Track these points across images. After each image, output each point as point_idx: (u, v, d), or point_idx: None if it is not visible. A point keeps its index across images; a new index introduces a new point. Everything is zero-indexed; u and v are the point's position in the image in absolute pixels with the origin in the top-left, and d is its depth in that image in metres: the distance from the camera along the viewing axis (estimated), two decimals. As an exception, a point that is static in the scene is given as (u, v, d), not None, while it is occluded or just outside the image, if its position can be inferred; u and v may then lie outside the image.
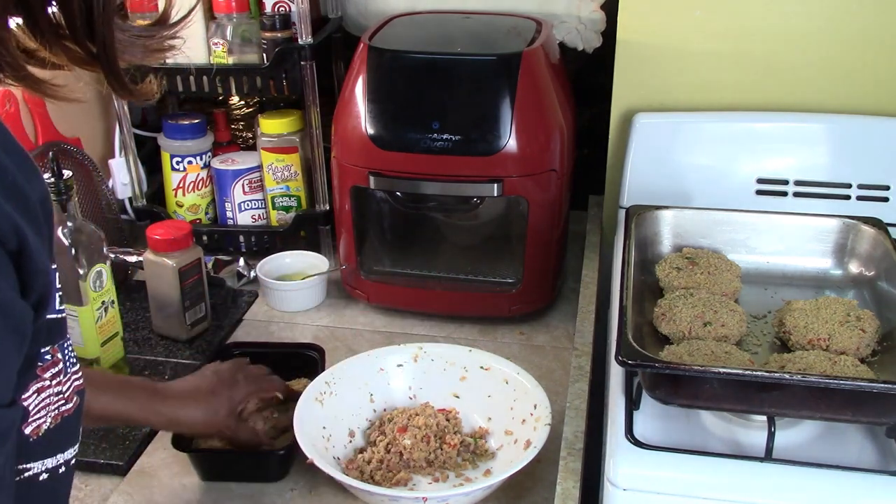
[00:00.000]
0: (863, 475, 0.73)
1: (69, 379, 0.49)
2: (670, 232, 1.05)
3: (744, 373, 0.76)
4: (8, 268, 0.40)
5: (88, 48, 0.50)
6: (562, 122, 1.11)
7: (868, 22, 1.10)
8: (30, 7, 0.47)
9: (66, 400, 0.48)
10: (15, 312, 0.41)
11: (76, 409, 0.50)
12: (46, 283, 0.43)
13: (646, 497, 0.75)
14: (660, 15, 1.15)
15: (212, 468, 0.91)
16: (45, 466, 0.48)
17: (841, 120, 1.12)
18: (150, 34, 0.54)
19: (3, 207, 0.40)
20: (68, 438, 0.50)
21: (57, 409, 0.48)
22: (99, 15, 0.48)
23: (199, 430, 0.90)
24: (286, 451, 0.90)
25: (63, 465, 0.49)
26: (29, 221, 0.41)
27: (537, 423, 0.89)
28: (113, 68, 0.51)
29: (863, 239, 0.99)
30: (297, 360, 1.05)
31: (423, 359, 1.01)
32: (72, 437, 0.50)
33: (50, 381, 0.47)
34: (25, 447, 0.46)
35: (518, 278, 1.17)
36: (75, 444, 0.51)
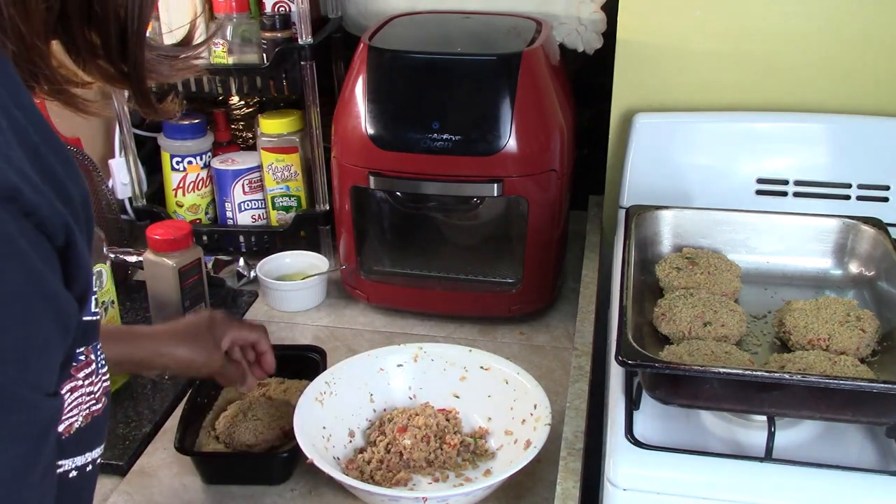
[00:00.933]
0: (863, 475, 0.73)
1: (100, 380, 0.50)
2: (670, 232, 1.04)
3: (744, 373, 0.76)
4: (55, 263, 0.41)
5: (120, 67, 0.53)
6: (562, 122, 1.11)
7: (868, 22, 1.10)
8: (70, 29, 0.50)
9: (97, 400, 0.50)
10: (61, 305, 0.42)
11: (104, 410, 0.51)
12: (88, 281, 0.45)
13: (646, 497, 0.75)
14: (660, 15, 1.15)
15: (214, 471, 0.92)
16: (75, 464, 0.49)
17: (841, 120, 1.12)
18: (176, 54, 0.57)
19: (53, 203, 0.41)
20: (96, 437, 0.51)
21: (88, 408, 0.49)
22: (132, 36, 0.51)
23: (195, 367, 0.92)
24: (289, 453, 0.90)
25: (90, 464, 0.51)
26: (74, 220, 0.43)
27: (537, 423, 0.89)
28: (141, 87, 0.54)
29: (863, 239, 0.99)
30: (298, 362, 1.05)
31: (423, 359, 1.01)
32: (99, 436, 0.52)
33: (83, 382, 0.48)
34: (58, 445, 0.47)
35: (518, 278, 1.17)
36: (102, 443, 0.52)
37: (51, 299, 0.41)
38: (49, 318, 0.41)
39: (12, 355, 0.38)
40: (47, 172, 0.42)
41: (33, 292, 0.39)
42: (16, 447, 0.39)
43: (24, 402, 0.39)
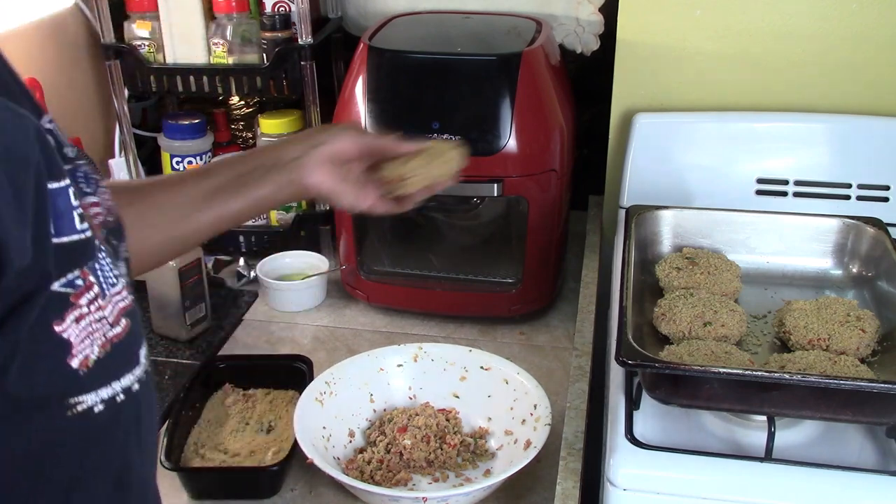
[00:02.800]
0: (863, 475, 0.73)
1: (110, 302, 0.46)
2: (670, 232, 1.05)
3: (744, 373, 0.76)
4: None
5: None
6: (562, 122, 1.11)
7: (868, 22, 1.10)
8: None
9: (113, 324, 0.46)
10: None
11: (127, 333, 0.47)
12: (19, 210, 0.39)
13: (646, 497, 0.75)
14: (660, 15, 1.15)
15: (202, 487, 0.90)
16: (100, 397, 0.45)
17: (841, 120, 1.12)
18: None
19: None
20: (123, 364, 0.47)
21: (103, 335, 0.45)
22: None
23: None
24: (279, 466, 0.89)
25: (122, 393, 0.46)
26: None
27: (537, 423, 0.90)
28: None
29: (863, 239, 0.99)
30: (284, 372, 1.04)
31: (423, 359, 1.01)
32: (128, 362, 0.47)
33: (88, 308, 0.44)
34: (76, 381, 0.44)
35: (518, 278, 1.17)
36: (133, 368, 0.47)
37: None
38: None
39: None
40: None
41: None
42: None
43: None
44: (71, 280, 0.43)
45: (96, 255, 0.46)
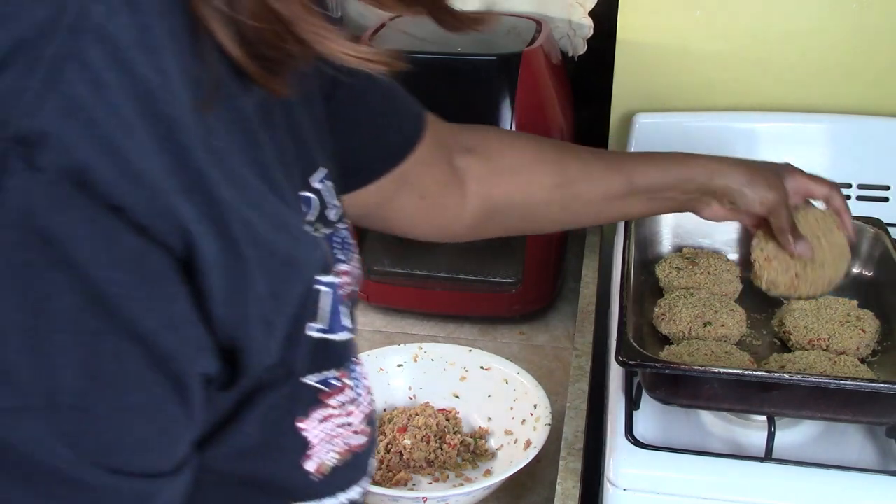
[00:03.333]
0: (863, 475, 0.73)
1: (360, 408, 0.42)
2: (670, 232, 1.04)
3: (744, 373, 0.76)
4: (171, 280, 0.29)
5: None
6: (562, 122, 1.11)
7: (868, 22, 1.10)
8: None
9: (357, 432, 0.42)
10: (165, 346, 0.29)
11: (369, 441, 0.43)
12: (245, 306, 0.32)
13: (646, 497, 0.75)
14: (660, 15, 1.15)
15: None
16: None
17: (841, 120, 1.12)
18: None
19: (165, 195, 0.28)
20: (356, 474, 0.43)
21: (345, 442, 0.41)
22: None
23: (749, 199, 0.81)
24: None
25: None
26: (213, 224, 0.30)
27: (537, 423, 0.89)
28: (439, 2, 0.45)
29: (863, 239, 0.99)
30: None
31: (423, 359, 1.01)
32: (359, 472, 0.43)
33: (337, 411, 0.40)
34: (308, 486, 0.40)
35: (518, 278, 1.17)
36: (362, 479, 0.43)
37: (143, 337, 0.28)
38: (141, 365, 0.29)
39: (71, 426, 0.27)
40: (180, 159, 0.29)
41: (108, 325, 0.27)
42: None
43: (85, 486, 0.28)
44: (326, 378, 0.40)
45: (356, 357, 0.42)
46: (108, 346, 0.27)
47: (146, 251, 0.28)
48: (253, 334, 0.33)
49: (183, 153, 0.29)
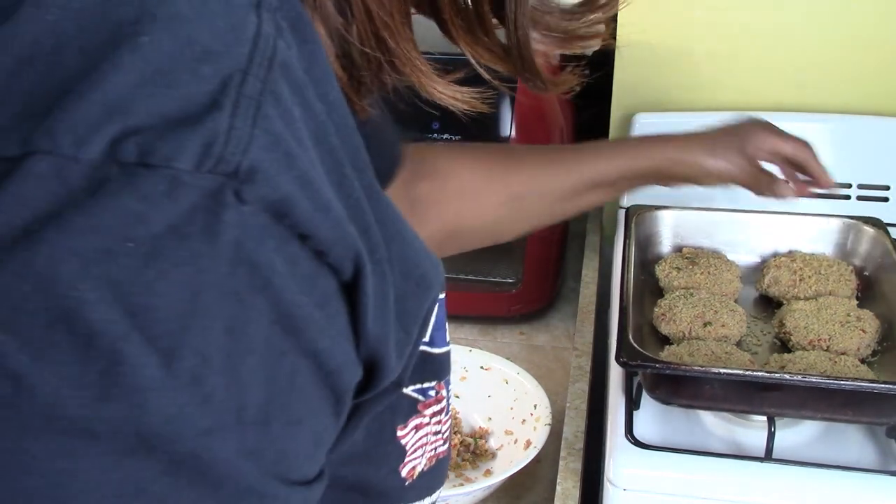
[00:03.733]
0: (863, 475, 0.73)
1: (449, 418, 0.44)
2: (670, 232, 1.04)
3: (744, 373, 0.76)
4: (338, 305, 0.31)
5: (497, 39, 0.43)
6: (562, 122, 1.11)
7: (868, 22, 1.10)
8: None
9: (444, 440, 0.43)
10: (333, 364, 0.31)
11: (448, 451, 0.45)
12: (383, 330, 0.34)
13: (646, 497, 0.75)
14: (660, 15, 1.15)
15: None
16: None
17: (841, 120, 1.12)
18: (575, 17, 0.45)
19: (343, 226, 0.30)
20: (436, 481, 0.44)
21: (434, 449, 0.42)
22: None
23: (717, 177, 0.84)
24: None
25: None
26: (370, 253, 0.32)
27: (537, 423, 0.89)
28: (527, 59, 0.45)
29: (863, 239, 0.99)
30: None
31: None
32: (440, 479, 0.44)
33: (430, 420, 0.41)
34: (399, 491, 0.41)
35: (518, 278, 1.17)
36: (440, 485, 0.44)
37: (316, 355, 0.30)
38: (312, 381, 0.30)
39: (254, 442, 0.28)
40: (343, 187, 0.31)
41: (292, 346, 0.29)
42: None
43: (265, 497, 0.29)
44: (425, 389, 0.41)
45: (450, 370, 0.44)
46: (287, 365, 0.29)
47: (320, 275, 0.30)
48: (391, 351, 0.34)
49: (345, 181, 0.31)
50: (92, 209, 0.24)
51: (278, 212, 0.27)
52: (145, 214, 0.25)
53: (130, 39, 0.26)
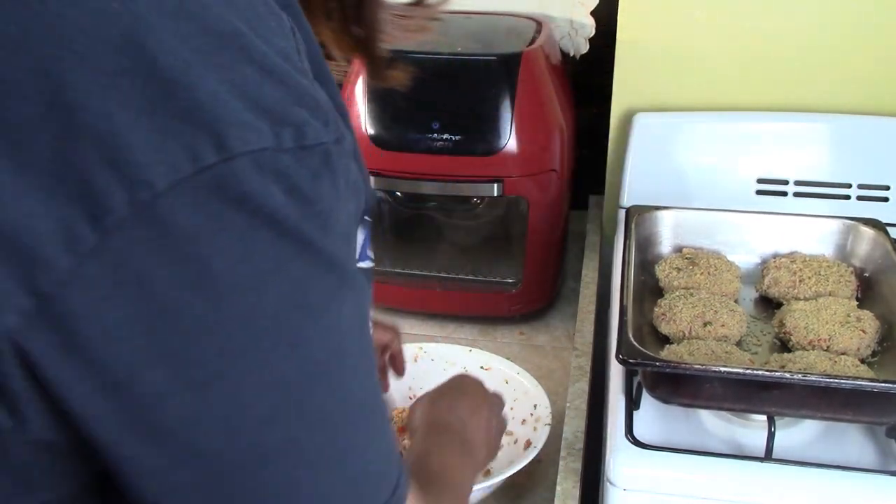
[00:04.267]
0: (863, 475, 0.73)
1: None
2: (670, 232, 1.04)
3: (744, 372, 0.76)
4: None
5: (354, 31, 0.50)
6: (562, 122, 1.11)
7: (869, 22, 1.10)
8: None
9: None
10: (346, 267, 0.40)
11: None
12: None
13: (646, 497, 0.75)
14: (660, 15, 1.15)
15: None
16: None
17: (841, 120, 1.12)
18: (410, 14, 0.53)
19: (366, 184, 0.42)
20: None
21: None
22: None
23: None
24: None
25: None
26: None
27: (537, 423, 0.89)
28: (374, 52, 0.51)
29: (862, 240, 0.99)
30: None
31: (423, 359, 1.01)
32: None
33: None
34: None
35: (518, 278, 1.17)
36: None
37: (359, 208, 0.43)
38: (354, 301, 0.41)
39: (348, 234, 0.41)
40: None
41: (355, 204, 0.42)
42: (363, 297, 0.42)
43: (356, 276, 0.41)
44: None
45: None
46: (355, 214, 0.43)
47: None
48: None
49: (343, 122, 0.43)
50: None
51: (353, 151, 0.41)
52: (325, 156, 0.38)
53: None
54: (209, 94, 0.33)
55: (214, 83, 0.34)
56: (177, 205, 0.33)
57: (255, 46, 0.36)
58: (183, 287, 0.33)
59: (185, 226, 0.33)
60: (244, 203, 0.34)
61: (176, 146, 0.33)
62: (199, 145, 0.33)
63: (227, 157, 0.33)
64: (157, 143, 0.33)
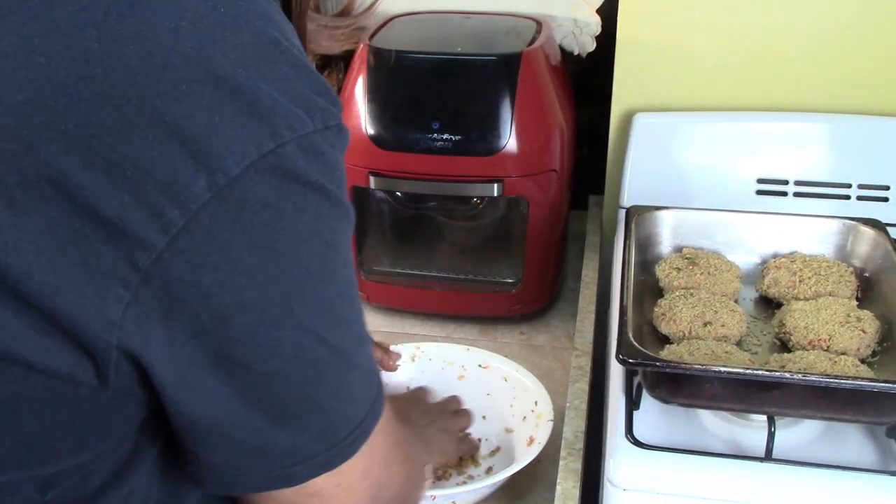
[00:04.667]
0: (863, 475, 0.73)
1: None
2: (670, 232, 1.04)
3: (745, 372, 0.76)
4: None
5: None
6: (562, 122, 1.11)
7: (869, 22, 1.10)
8: None
9: None
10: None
11: None
12: None
13: (646, 497, 0.75)
14: (660, 15, 1.15)
15: None
16: None
17: (841, 120, 1.12)
18: (337, 24, 0.59)
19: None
20: None
21: None
22: (296, 6, 0.53)
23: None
24: None
25: None
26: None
27: (539, 419, 0.90)
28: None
29: (862, 240, 0.99)
30: None
31: (421, 358, 1.01)
32: None
33: None
34: None
35: (518, 278, 1.17)
36: None
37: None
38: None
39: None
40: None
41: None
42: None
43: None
44: None
45: None
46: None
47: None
48: None
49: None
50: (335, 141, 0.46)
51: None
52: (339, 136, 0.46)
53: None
54: (263, 94, 0.41)
55: (265, 85, 0.41)
56: (247, 185, 0.41)
57: (287, 49, 0.44)
58: (256, 247, 0.42)
59: (254, 200, 0.41)
60: (296, 177, 0.42)
61: (243, 138, 0.40)
62: (259, 136, 0.41)
63: (281, 143, 0.41)
64: (230, 138, 0.40)
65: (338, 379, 0.48)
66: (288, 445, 0.47)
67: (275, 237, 0.42)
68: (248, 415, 0.46)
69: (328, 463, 0.49)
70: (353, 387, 0.50)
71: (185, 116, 0.39)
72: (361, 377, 0.51)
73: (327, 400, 0.48)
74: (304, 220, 0.44)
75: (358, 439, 0.50)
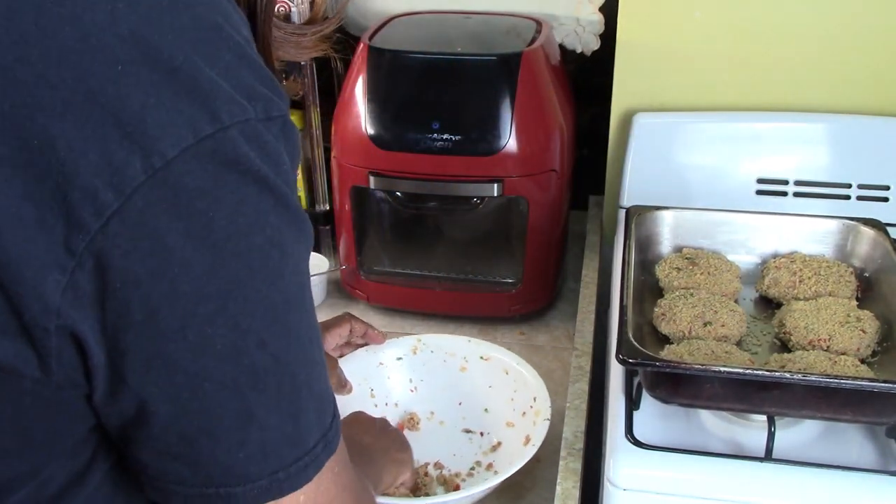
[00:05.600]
0: (863, 475, 0.73)
1: None
2: (670, 232, 1.04)
3: (745, 372, 0.76)
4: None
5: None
6: (562, 122, 1.11)
7: (869, 22, 1.10)
8: None
9: None
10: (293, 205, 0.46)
11: None
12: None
13: (646, 497, 0.75)
14: (660, 15, 1.15)
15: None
16: None
17: (841, 120, 1.12)
18: (303, 32, 0.60)
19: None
20: None
21: None
22: (261, 13, 0.52)
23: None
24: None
25: None
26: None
27: (536, 416, 0.90)
28: (269, 65, 0.55)
29: (862, 240, 0.99)
30: None
31: (423, 351, 1.01)
32: None
33: None
34: None
35: (518, 278, 1.17)
36: None
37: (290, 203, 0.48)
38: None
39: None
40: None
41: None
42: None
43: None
44: None
45: None
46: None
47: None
48: None
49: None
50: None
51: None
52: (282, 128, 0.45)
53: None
54: (203, 77, 0.40)
55: (206, 68, 0.41)
56: (184, 169, 0.39)
57: (231, 36, 0.43)
58: (191, 236, 0.40)
59: (191, 187, 0.40)
60: (236, 164, 0.41)
61: (180, 121, 0.39)
62: (197, 119, 0.40)
63: (220, 127, 0.40)
64: (166, 120, 0.39)
65: (279, 391, 0.45)
66: (224, 460, 0.44)
67: (212, 227, 0.41)
68: (177, 419, 0.43)
69: (272, 488, 0.46)
70: (300, 405, 0.47)
71: (121, 97, 0.38)
72: (312, 400, 0.47)
73: (266, 412, 0.45)
74: (245, 211, 0.42)
75: (310, 466, 0.47)
